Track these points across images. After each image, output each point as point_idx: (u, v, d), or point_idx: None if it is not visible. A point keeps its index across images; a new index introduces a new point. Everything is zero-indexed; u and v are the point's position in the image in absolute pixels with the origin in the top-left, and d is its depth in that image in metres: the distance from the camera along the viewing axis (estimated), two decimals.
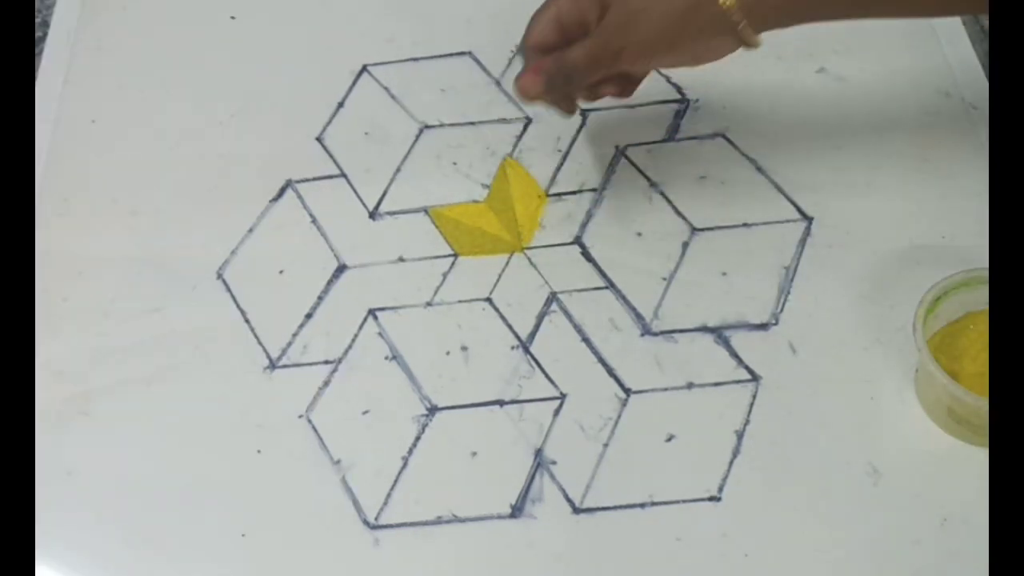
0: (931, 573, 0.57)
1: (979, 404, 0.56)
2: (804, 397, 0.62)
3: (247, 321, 0.68)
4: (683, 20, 0.59)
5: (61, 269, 0.70)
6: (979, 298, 0.60)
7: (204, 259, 0.70)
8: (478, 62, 0.79)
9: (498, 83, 0.77)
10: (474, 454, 0.62)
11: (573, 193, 0.71)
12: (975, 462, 0.59)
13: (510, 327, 0.66)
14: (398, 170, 0.74)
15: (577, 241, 0.69)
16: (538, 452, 0.62)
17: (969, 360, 0.59)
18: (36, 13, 0.85)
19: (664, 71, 0.75)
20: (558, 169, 0.72)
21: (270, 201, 0.73)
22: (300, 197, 0.73)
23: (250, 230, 0.71)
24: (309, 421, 0.64)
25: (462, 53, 0.79)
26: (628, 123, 0.74)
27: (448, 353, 0.66)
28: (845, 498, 0.59)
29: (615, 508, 0.60)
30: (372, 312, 0.67)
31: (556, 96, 0.63)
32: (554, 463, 0.61)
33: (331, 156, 0.75)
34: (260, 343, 0.67)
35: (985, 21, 0.77)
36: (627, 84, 0.65)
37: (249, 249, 0.71)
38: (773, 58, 0.76)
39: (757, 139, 0.72)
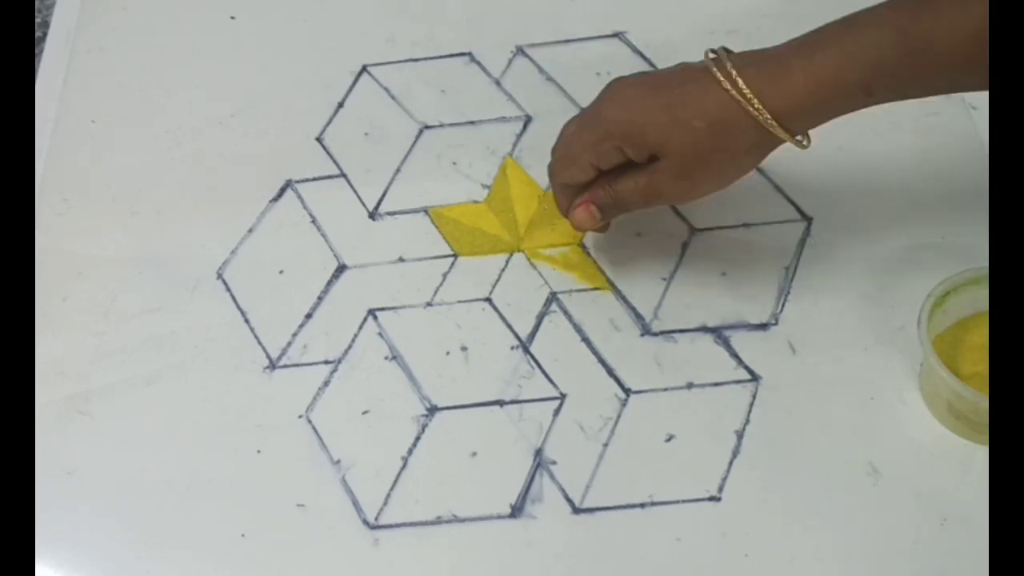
0: (931, 573, 0.57)
1: (978, 400, 0.56)
2: (804, 397, 0.62)
3: (247, 321, 0.68)
4: (746, 162, 0.60)
5: (61, 269, 0.70)
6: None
7: (204, 259, 0.70)
8: (478, 62, 0.79)
9: (498, 83, 0.77)
10: (474, 454, 0.62)
11: None
12: (975, 462, 0.59)
13: (510, 327, 0.66)
14: (398, 170, 0.74)
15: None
16: (538, 452, 0.62)
17: (975, 359, 0.59)
18: (36, 13, 0.85)
19: None
20: None
21: (270, 201, 0.73)
22: (300, 197, 0.73)
23: (250, 230, 0.72)
24: (309, 421, 0.64)
25: (462, 53, 0.79)
26: None
27: (448, 353, 0.66)
28: (845, 498, 0.59)
29: (615, 508, 0.60)
30: (372, 312, 0.67)
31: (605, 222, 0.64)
32: (554, 463, 0.61)
33: (331, 156, 0.75)
34: (260, 343, 0.67)
35: None
36: None
37: (249, 249, 0.71)
38: None
39: None
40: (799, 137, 0.58)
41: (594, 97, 0.62)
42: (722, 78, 0.56)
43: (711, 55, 0.57)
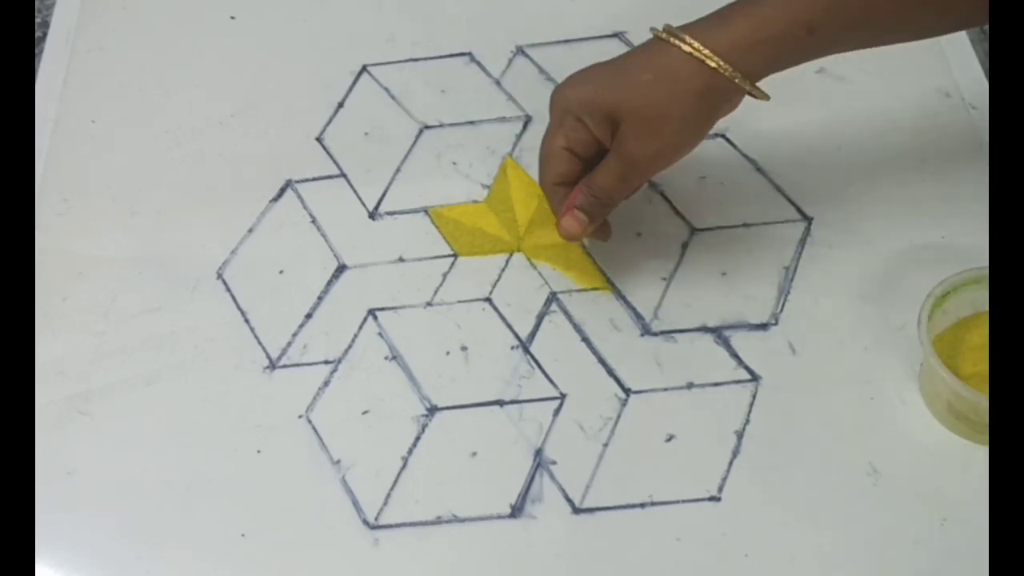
0: (931, 573, 0.57)
1: (978, 400, 0.56)
2: (804, 397, 0.63)
3: (247, 321, 0.68)
4: (700, 108, 0.59)
5: (61, 269, 0.70)
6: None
7: (204, 259, 0.70)
8: (478, 62, 0.79)
9: (498, 83, 0.77)
10: (474, 454, 0.62)
11: None
12: (975, 462, 0.59)
13: (510, 327, 0.66)
14: (398, 170, 0.74)
15: None
16: (538, 452, 0.62)
17: (976, 359, 0.59)
18: (36, 13, 0.85)
19: None
20: None
21: (270, 201, 0.73)
22: (300, 197, 0.73)
23: (250, 230, 0.72)
24: (309, 421, 0.64)
25: (462, 53, 0.79)
26: None
27: (448, 353, 0.66)
28: (845, 498, 0.59)
29: (615, 508, 0.60)
30: (372, 312, 0.67)
31: (597, 224, 0.64)
32: (554, 463, 0.61)
33: (331, 156, 0.75)
34: (260, 343, 0.67)
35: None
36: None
37: (249, 249, 0.71)
38: None
39: (757, 139, 0.72)
40: (750, 89, 0.58)
41: None
42: (665, 35, 0.58)
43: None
